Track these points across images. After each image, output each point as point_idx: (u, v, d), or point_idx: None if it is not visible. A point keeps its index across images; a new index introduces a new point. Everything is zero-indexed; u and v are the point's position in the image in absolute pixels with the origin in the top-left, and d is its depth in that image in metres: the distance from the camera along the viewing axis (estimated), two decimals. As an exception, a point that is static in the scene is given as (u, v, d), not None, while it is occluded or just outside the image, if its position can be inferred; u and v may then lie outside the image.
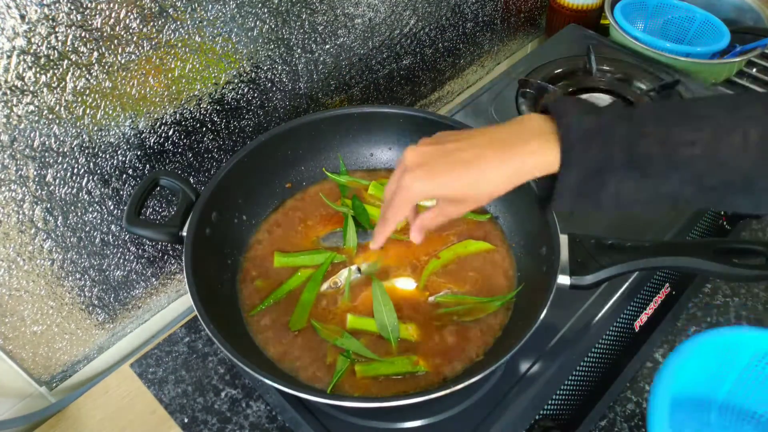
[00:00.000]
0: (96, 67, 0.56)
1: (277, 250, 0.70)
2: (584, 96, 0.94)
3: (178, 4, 0.59)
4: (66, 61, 0.54)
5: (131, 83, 0.60)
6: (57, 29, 0.52)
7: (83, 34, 0.54)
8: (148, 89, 0.62)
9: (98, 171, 0.63)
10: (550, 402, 0.62)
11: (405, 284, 0.67)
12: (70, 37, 0.53)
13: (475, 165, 0.48)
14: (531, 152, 0.47)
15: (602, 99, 0.94)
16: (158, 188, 0.67)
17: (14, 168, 0.56)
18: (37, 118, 0.55)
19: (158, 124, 0.65)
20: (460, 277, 0.68)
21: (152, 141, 0.66)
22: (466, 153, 0.48)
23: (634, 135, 0.44)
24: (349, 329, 0.63)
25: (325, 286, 0.67)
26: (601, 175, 0.45)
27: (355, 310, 0.65)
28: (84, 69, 0.56)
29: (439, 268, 0.68)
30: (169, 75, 0.63)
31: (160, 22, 0.59)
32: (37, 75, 0.53)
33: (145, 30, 0.58)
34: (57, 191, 0.60)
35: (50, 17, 0.51)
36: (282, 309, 0.65)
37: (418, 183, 0.49)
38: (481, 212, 0.73)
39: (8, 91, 0.52)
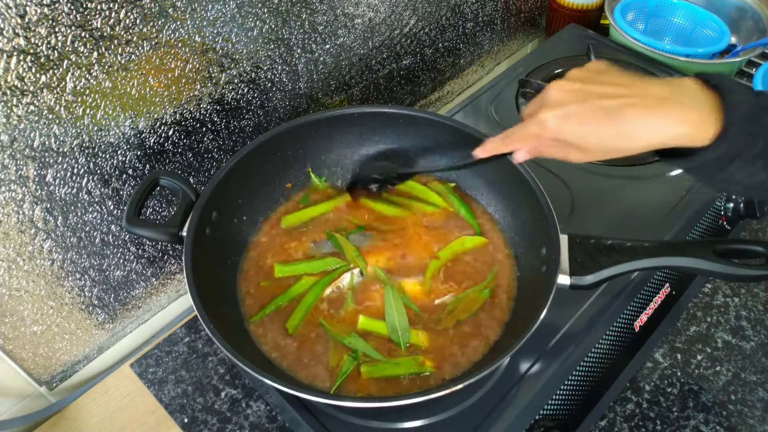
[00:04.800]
0: (96, 67, 0.56)
1: (276, 262, 0.69)
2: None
3: (178, 4, 0.59)
4: (66, 61, 0.54)
5: (131, 83, 0.60)
6: (57, 29, 0.52)
7: (83, 34, 0.54)
8: (148, 89, 0.62)
9: (98, 171, 0.63)
10: (550, 402, 0.62)
11: (409, 287, 0.67)
12: (70, 37, 0.53)
13: (619, 117, 0.45)
14: (686, 120, 0.44)
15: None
16: (158, 188, 0.67)
17: (14, 168, 0.56)
18: (37, 118, 0.55)
19: (158, 124, 0.65)
20: (461, 280, 0.68)
21: (152, 141, 0.66)
22: (613, 102, 0.46)
23: None
24: (360, 330, 0.63)
25: (328, 291, 0.66)
26: (738, 160, 0.44)
27: (360, 313, 0.65)
28: (84, 69, 0.56)
29: (440, 269, 0.68)
30: (169, 75, 0.63)
31: (160, 22, 0.59)
32: (37, 75, 0.53)
33: (145, 30, 0.58)
34: (57, 191, 0.60)
35: (50, 17, 0.51)
36: (282, 309, 0.65)
37: (554, 122, 0.48)
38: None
39: (8, 91, 0.52)
